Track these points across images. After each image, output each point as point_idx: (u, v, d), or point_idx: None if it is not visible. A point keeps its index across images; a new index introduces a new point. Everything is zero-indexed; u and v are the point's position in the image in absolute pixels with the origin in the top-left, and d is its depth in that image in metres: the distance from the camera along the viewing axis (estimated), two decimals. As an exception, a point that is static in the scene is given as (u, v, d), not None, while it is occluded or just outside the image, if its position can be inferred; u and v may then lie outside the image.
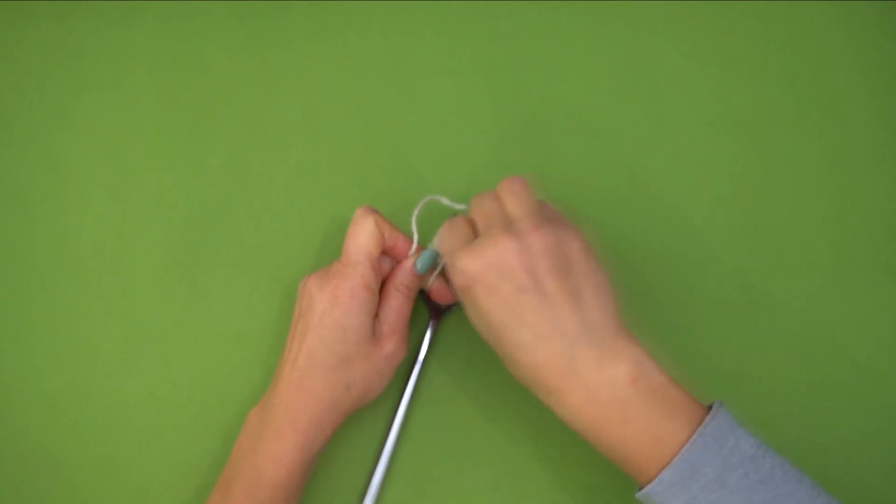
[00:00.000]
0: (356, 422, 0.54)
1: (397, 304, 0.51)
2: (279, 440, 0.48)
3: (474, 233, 0.49)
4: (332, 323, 0.49)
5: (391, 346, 0.50)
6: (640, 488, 0.45)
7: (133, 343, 0.56)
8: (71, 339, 0.56)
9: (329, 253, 0.58)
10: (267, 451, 0.48)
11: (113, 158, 0.59)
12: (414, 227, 0.52)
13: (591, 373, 0.44)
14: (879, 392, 0.57)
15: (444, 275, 0.53)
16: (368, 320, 0.49)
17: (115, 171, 0.59)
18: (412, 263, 0.52)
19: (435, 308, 0.55)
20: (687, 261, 0.58)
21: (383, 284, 0.52)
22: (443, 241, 0.50)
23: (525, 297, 0.44)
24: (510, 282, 0.44)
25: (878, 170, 0.60)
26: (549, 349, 0.44)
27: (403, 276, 0.52)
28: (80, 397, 0.55)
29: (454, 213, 0.54)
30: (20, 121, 0.60)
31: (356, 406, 0.50)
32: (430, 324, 0.55)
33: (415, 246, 0.52)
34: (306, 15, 0.62)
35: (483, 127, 0.60)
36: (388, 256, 0.53)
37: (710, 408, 0.45)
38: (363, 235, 0.50)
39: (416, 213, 0.52)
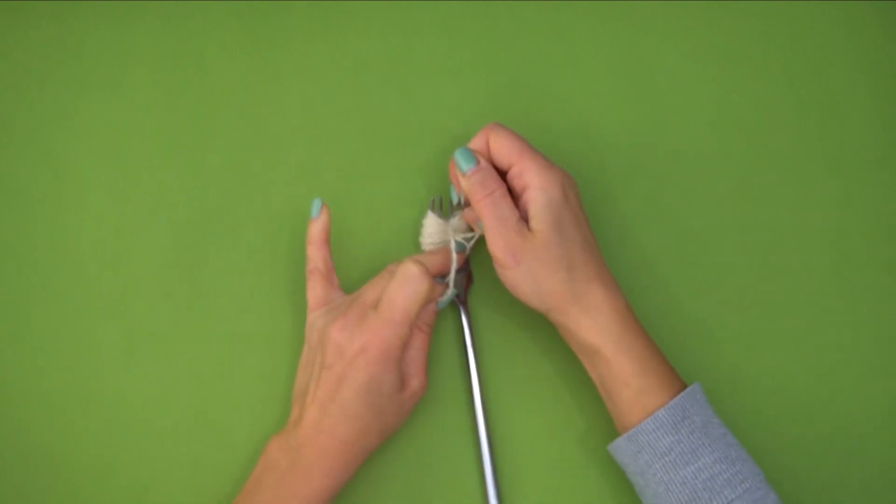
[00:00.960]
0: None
1: (421, 343, 0.52)
2: (309, 483, 0.48)
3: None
4: (368, 378, 0.49)
5: (416, 383, 0.51)
6: (624, 430, 0.49)
7: (133, 343, 0.56)
8: (71, 339, 0.56)
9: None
10: (294, 491, 0.48)
11: (113, 158, 0.59)
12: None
13: (616, 288, 0.51)
14: (879, 392, 0.56)
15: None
16: (399, 372, 0.50)
17: (115, 171, 0.59)
18: (434, 305, 0.53)
19: (457, 295, 0.56)
20: (687, 261, 0.58)
21: None
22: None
23: (582, 214, 0.51)
24: (577, 200, 0.52)
25: (878, 170, 0.60)
26: (597, 257, 0.51)
27: (428, 317, 0.53)
28: (81, 397, 0.55)
29: (456, 205, 0.54)
30: (20, 121, 0.60)
31: (381, 442, 0.51)
32: (462, 310, 0.56)
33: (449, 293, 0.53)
34: (306, 15, 0.62)
35: (483, 127, 0.60)
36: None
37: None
38: (415, 300, 0.50)
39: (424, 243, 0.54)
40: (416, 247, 0.57)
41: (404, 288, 0.50)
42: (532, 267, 0.49)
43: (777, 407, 0.56)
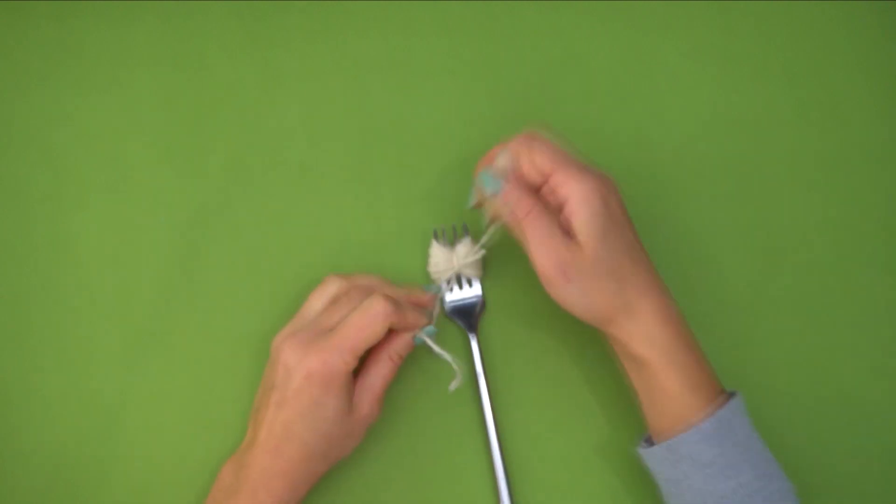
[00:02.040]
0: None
1: (384, 372, 0.50)
2: (253, 502, 0.48)
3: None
4: (310, 401, 0.48)
5: (366, 409, 0.50)
6: (660, 439, 0.48)
7: (133, 343, 0.56)
8: (71, 339, 0.56)
9: (328, 254, 0.58)
10: None
11: (113, 158, 0.59)
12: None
13: (667, 294, 0.49)
14: (879, 392, 0.56)
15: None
16: (346, 397, 0.49)
17: (115, 171, 0.59)
18: (411, 337, 0.51)
19: (468, 323, 0.56)
20: (687, 261, 0.58)
21: (376, 349, 0.51)
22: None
23: (626, 220, 0.50)
24: (620, 205, 0.50)
25: (878, 170, 0.60)
26: (646, 263, 0.50)
27: (400, 346, 0.51)
28: (81, 397, 0.55)
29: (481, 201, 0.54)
30: (20, 121, 0.60)
31: (330, 466, 0.50)
32: (473, 339, 0.55)
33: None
34: (306, 15, 0.62)
35: (483, 127, 0.60)
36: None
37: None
38: (369, 336, 0.49)
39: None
40: (415, 247, 0.57)
41: (362, 320, 0.49)
42: (583, 282, 0.47)
43: (777, 407, 0.56)
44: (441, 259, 0.55)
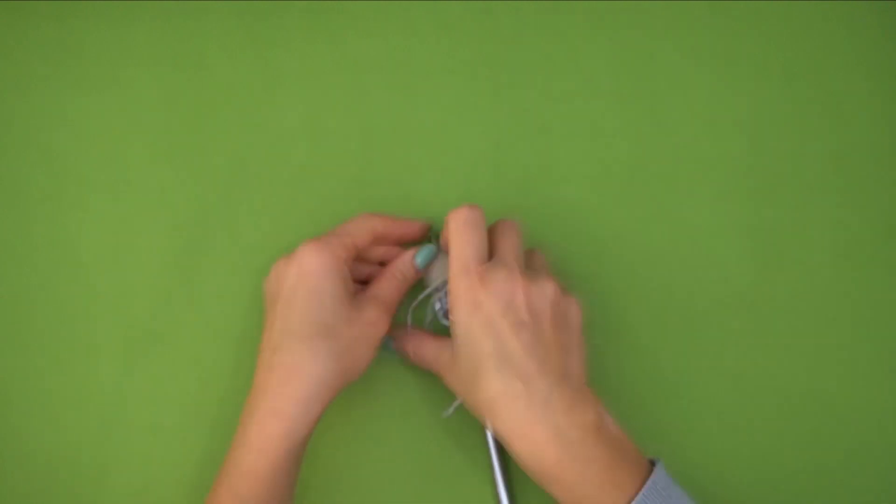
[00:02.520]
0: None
1: (389, 286, 0.52)
2: (259, 429, 0.47)
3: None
4: (306, 289, 0.48)
5: (372, 315, 0.50)
6: None
7: (133, 343, 0.56)
8: (71, 339, 0.56)
9: (329, 253, 0.58)
10: (248, 443, 0.47)
11: (113, 158, 0.59)
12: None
13: (563, 413, 0.46)
14: (879, 392, 0.56)
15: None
16: (343, 283, 0.49)
17: (115, 171, 0.59)
18: (412, 255, 0.54)
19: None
20: (687, 261, 0.58)
21: (381, 269, 0.54)
22: (454, 242, 0.50)
23: (522, 332, 0.46)
24: (513, 315, 0.47)
25: (878, 170, 0.60)
26: (528, 385, 0.46)
27: (402, 264, 0.53)
28: (80, 397, 0.55)
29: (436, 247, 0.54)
30: (20, 121, 0.60)
31: (345, 380, 0.49)
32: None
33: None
34: (306, 15, 0.62)
35: (483, 127, 0.60)
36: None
37: (651, 462, 0.48)
38: (354, 230, 0.52)
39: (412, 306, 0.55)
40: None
41: (347, 223, 0.53)
42: (451, 375, 0.50)
43: (777, 407, 0.56)
44: (440, 259, 0.55)
